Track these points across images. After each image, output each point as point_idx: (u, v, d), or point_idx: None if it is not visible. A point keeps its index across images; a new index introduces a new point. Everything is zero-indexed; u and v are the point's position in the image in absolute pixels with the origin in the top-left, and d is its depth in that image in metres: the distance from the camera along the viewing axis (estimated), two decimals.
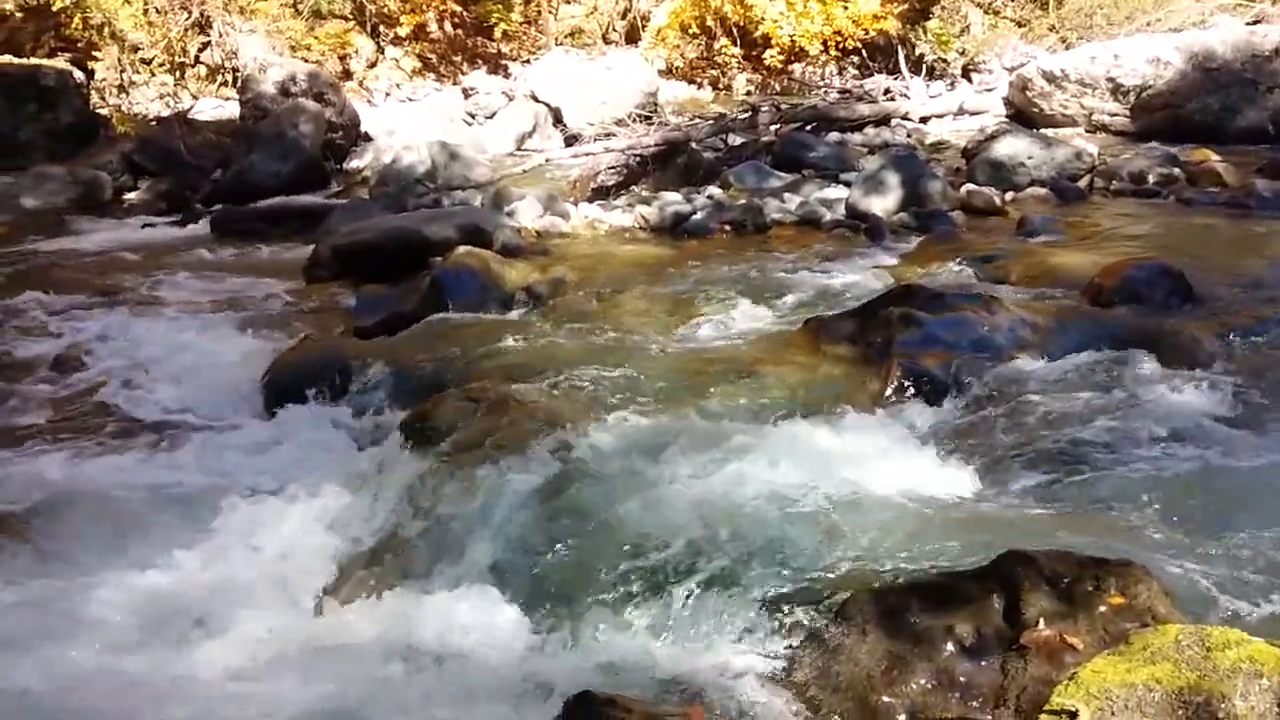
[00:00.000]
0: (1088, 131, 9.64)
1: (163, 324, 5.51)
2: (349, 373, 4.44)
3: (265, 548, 3.29)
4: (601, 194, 8.41)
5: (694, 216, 6.98)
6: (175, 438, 4.11)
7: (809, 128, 10.01)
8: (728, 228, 6.86)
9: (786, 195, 7.54)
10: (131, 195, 9.26)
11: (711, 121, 9.97)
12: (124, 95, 12.35)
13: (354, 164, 10.65)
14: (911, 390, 3.84)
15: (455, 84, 14.33)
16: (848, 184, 7.62)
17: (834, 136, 9.90)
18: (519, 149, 11.24)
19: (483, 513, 3.13)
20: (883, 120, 10.65)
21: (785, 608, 2.59)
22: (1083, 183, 7.61)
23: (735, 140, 9.52)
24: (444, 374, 4.31)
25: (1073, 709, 1.48)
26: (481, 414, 3.64)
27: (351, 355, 4.62)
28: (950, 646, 2.26)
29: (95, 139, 10.07)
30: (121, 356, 5.02)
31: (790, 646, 2.49)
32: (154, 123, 10.98)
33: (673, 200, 7.29)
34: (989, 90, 11.64)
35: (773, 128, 9.83)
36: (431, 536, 3.12)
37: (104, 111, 11.32)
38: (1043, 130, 8.93)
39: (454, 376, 4.25)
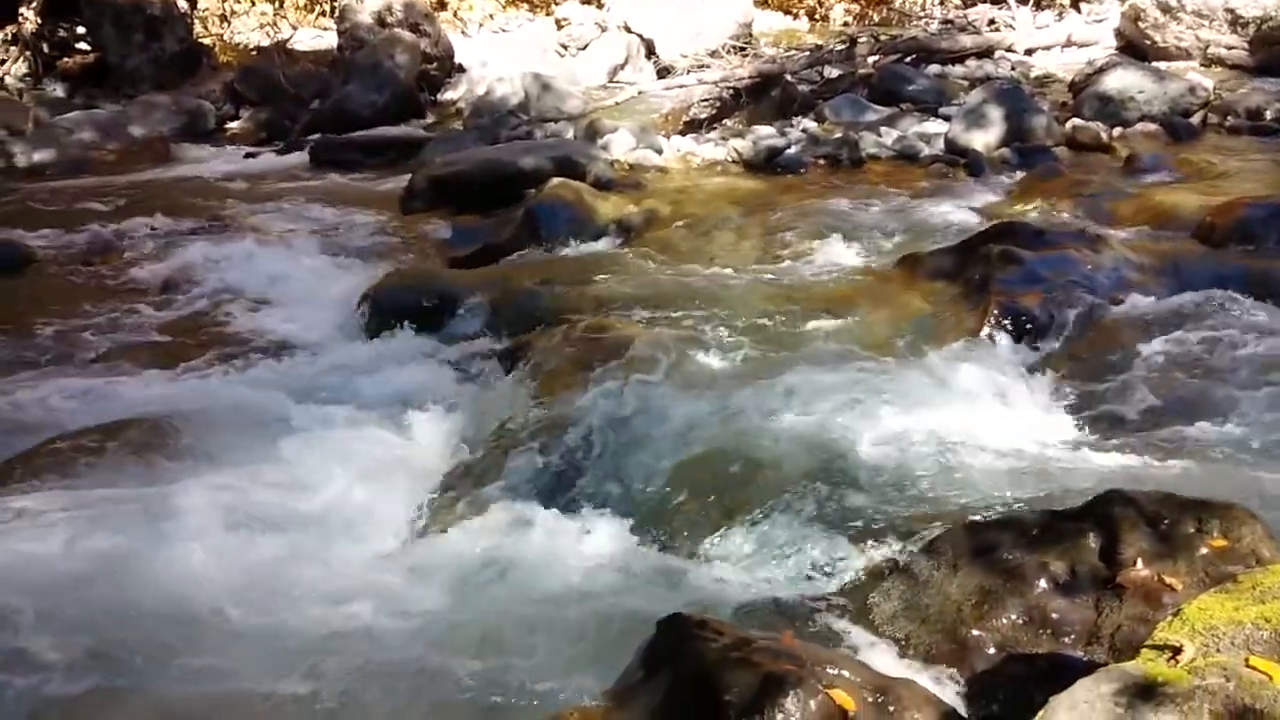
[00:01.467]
0: (1203, 65, 9.16)
1: (265, 250, 5.65)
2: (446, 301, 4.53)
3: (365, 464, 3.39)
4: (694, 127, 8.31)
5: (788, 150, 6.88)
6: (280, 358, 4.25)
7: (908, 60, 9.72)
8: (822, 162, 6.76)
9: (883, 129, 7.37)
10: (233, 124, 9.47)
11: (807, 53, 9.76)
12: (225, 25, 12.58)
13: (448, 95, 10.70)
14: (1009, 328, 3.78)
15: (548, 15, 14.22)
16: (947, 118, 7.42)
17: (934, 69, 9.60)
18: (611, 81, 11.14)
19: (579, 440, 3.20)
20: (985, 52, 10.27)
21: (874, 540, 2.61)
22: (1196, 119, 7.27)
23: (831, 73, 9.30)
24: (539, 304, 4.38)
25: (1176, 644, 1.47)
26: (578, 344, 3.71)
27: (448, 284, 4.71)
28: (1043, 583, 2.25)
29: (198, 68, 10.30)
30: (227, 280, 5.18)
31: (879, 578, 2.51)
32: (254, 52, 11.17)
33: (766, 134, 7.19)
34: (1099, 21, 11.10)
35: (870, 60, 9.57)
36: (528, 462, 3.19)
37: (207, 41, 11.55)
38: (1155, 63, 8.52)
39: (549, 307, 4.32)
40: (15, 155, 7.80)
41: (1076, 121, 7.08)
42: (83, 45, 10.42)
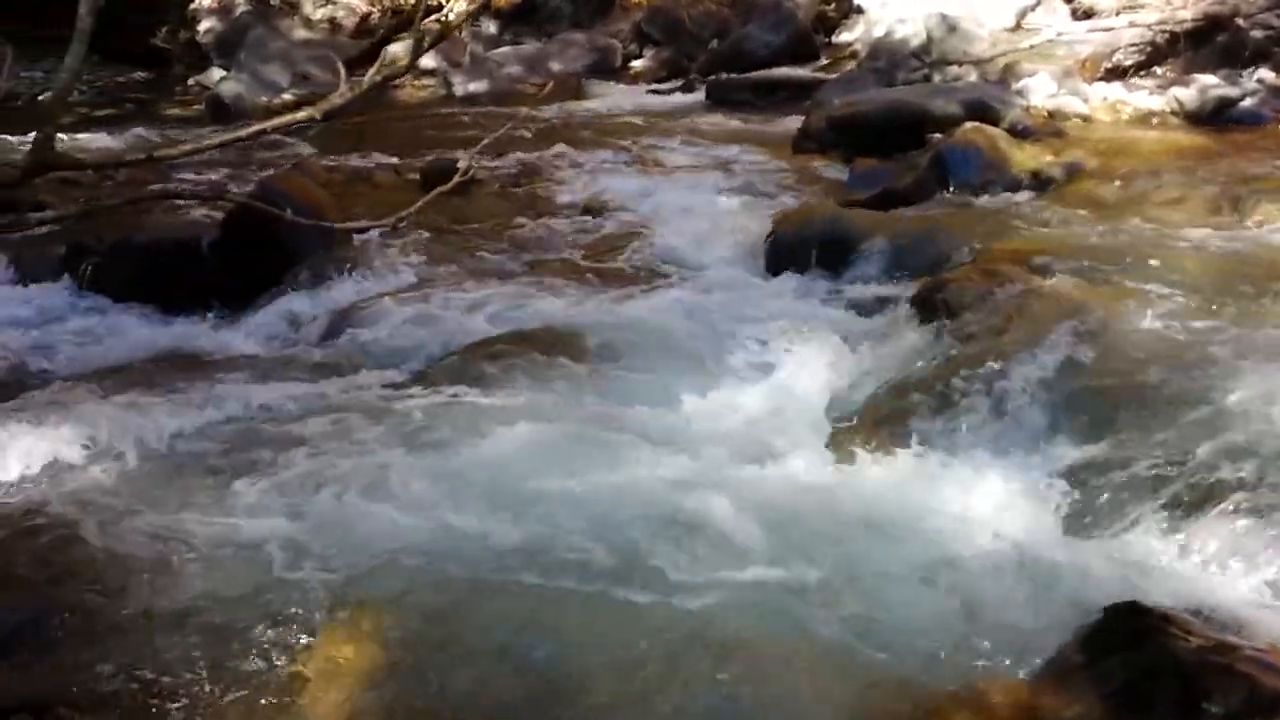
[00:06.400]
0: None
1: (668, 183, 5.87)
2: (849, 243, 4.44)
3: (768, 396, 3.40)
4: (1117, 74, 7.53)
5: (1242, 102, 6.07)
6: (685, 287, 4.34)
7: None
8: None
9: None
10: (636, 63, 9.88)
11: None
12: None
13: (843, 37, 10.46)
14: None
15: None
16: None
17: None
18: (1020, 23, 10.39)
19: (998, 394, 2.99)
20: None
21: None
22: None
23: None
24: (949, 252, 4.17)
25: None
26: (997, 294, 3.48)
27: (850, 226, 4.60)
28: None
29: (611, 8, 10.80)
30: (635, 209, 5.42)
31: None
32: None
33: (1214, 83, 6.36)
34: None
35: None
36: (942, 409, 3.04)
37: None
38: None
39: (960, 255, 4.10)
40: (454, 85, 8.68)
41: None
42: None
